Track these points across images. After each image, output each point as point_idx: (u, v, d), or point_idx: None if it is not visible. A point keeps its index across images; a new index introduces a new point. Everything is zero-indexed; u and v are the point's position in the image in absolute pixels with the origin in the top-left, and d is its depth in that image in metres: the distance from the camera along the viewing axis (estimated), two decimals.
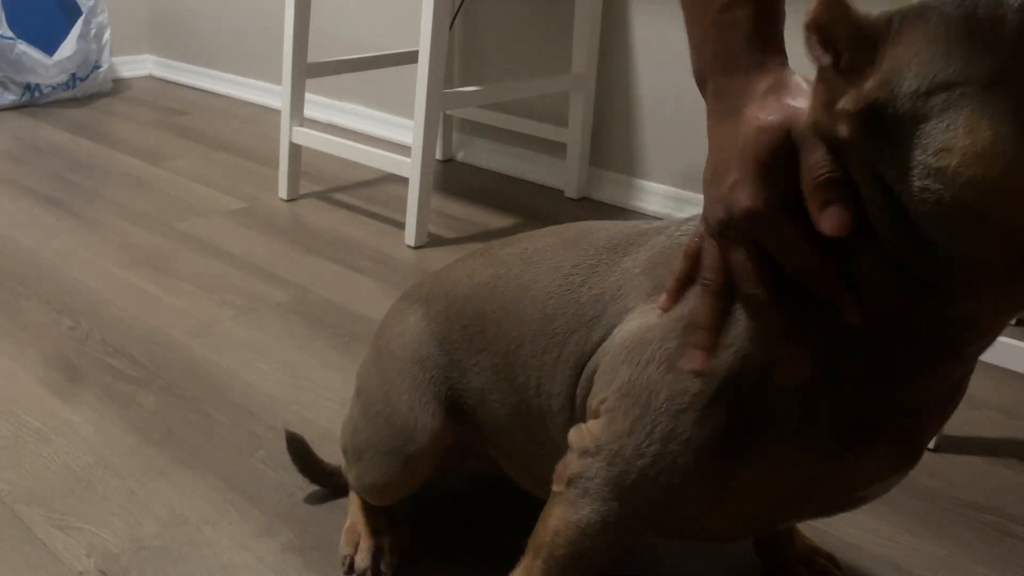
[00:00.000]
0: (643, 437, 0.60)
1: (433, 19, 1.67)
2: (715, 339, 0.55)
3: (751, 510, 0.61)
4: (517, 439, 0.77)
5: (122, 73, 3.35)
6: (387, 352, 0.84)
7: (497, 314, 0.75)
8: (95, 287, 1.54)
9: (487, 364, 0.76)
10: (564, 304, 0.69)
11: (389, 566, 0.89)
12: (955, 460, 1.12)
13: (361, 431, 0.85)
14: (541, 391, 0.71)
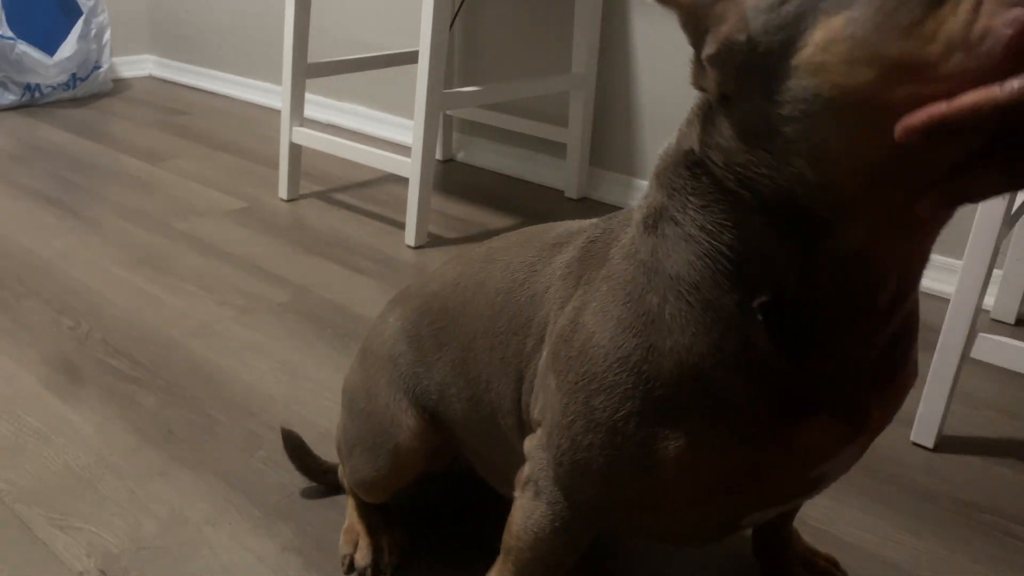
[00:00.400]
0: (573, 431, 0.60)
1: (433, 19, 1.67)
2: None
3: (702, 497, 0.59)
4: (475, 435, 0.78)
5: (122, 73, 3.35)
6: (369, 351, 0.87)
7: (458, 309, 0.77)
8: (95, 287, 1.54)
9: (448, 359, 0.77)
10: (508, 302, 0.71)
11: (389, 565, 0.89)
12: (955, 460, 1.12)
13: (348, 428, 0.87)
14: (491, 387, 0.72)
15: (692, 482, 0.57)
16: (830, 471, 0.61)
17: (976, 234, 1.05)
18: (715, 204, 0.53)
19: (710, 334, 0.54)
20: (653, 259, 0.56)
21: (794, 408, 0.55)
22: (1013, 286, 1.51)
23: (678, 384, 0.55)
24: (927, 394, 1.13)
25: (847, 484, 1.07)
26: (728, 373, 0.54)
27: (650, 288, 0.56)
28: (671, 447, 0.56)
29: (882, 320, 0.55)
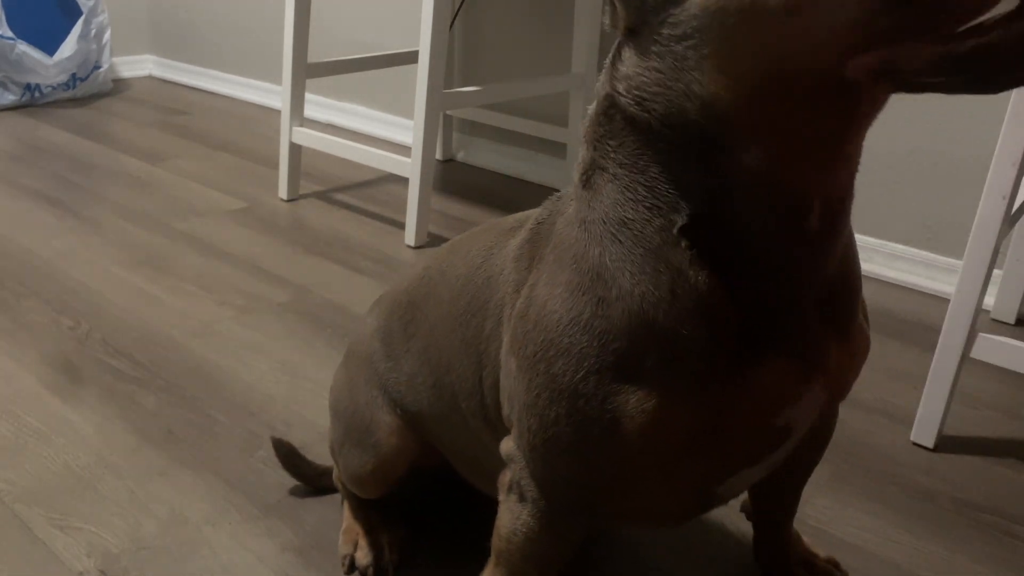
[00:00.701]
0: (539, 407, 0.60)
1: (433, 19, 1.67)
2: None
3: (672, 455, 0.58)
4: (441, 424, 0.79)
5: (122, 73, 3.35)
6: (351, 352, 0.89)
7: (423, 300, 0.78)
8: (95, 287, 1.54)
9: (416, 349, 0.79)
10: (467, 285, 0.72)
11: (389, 563, 0.89)
12: (955, 460, 1.12)
13: (335, 428, 0.89)
14: (452, 370, 0.73)
15: (659, 437, 0.56)
16: (795, 420, 0.60)
17: (976, 234, 1.05)
18: (627, 138, 0.55)
19: (645, 271, 0.55)
20: (590, 212, 0.58)
21: (747, 348, 0.55)
22: (1013, 286, 1.51)
23: (630, 333, 0.55)
24: (927, 394, 1.13)
25: (847, 484, 1.07)
26: (672, 312, 0.54)
27: (591, 241, 0.57)
28: (632, 400, 0.56)
29: (816, 245, 0.55)
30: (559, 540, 0.67)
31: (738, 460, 0.61)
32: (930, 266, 1.66)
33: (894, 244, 1.70)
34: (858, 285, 0.62)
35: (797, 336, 0.56)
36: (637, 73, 0.53)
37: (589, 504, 0.64)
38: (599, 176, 0.57)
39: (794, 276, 0.55)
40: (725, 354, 0.55)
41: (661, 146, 0.53)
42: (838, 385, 0.62)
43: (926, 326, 1.50)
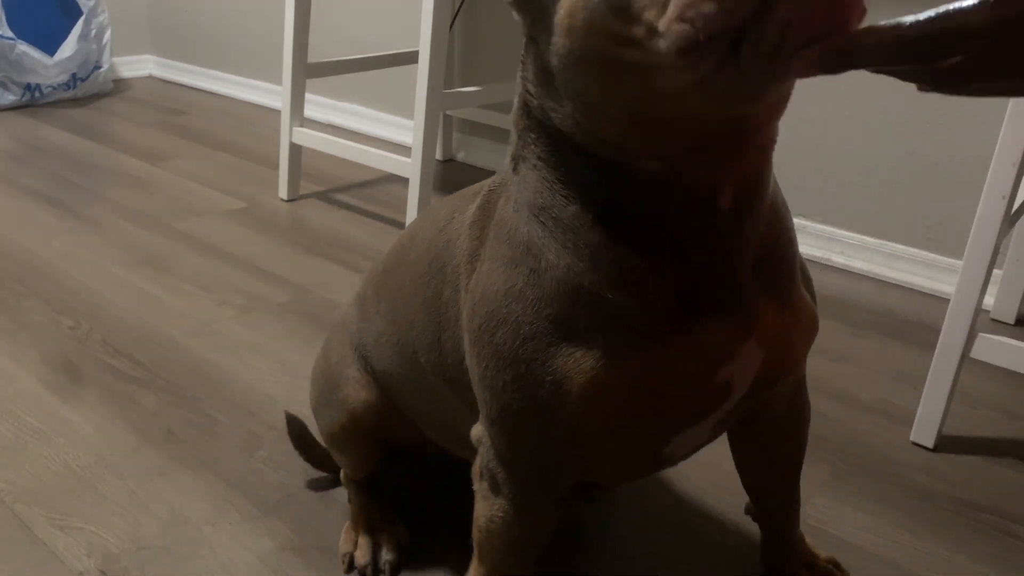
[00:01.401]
0: (490, 377, 0.62)
1: (433, 19, 1.67)
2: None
3: (617, 414, 0.60)
4: (405, 382, 0.81)
5: (122, 73, 3.35)
6: (332, 324, 0.94)
7: (395, 264, 0.81)
8: (95, 287, 1.54)
9: (384, 309, 0.82)
10: (431, 247, 0.74)
11: (388, 563, 0.89)
12: (955, 460, 1.12)
13: (312, 393, 0.93)
14: (414, 326, 0.76)
15: (600, 395, 0.58)
16: (734, 377, 0.61)
17: (976, 234, 1.05)
18: (541, 137, 0.59)
19: (567, 247, 0.58)
20: (518, 194, 0.61)
21: (679, 311, 0.58)
22: (1013, 286, 1.51)
23: (560, 298, 0.58)
24: (927, 394, 1.13)
25: (847, 484, 1.07)
26: (595, 280, 0.57)
27: (520, 220, 0.61)
28: (569, 362, 0.58)
29: (732, 222, 0.57)
30: (533, 521, 0.68)
31: (681, 418, 0.63)
32: (930, 266, 1.66)
33: (894, 244, 1.70)
34: (789, 253, 0.64)
35: (727, 298, 0.59)
36: (537, 90, 0.57)
37: (552, 475, 0.66)
38: (523, 164, 0.61)
39: (714, 248, 0.57)
40: (656, 317, 0.57)
41: (568, 148, 0.57)
42: (779, 348, 0.63)
43: (926, 326, 1.50)
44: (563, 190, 0.58)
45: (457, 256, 0.69)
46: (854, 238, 1.74)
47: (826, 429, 1.18)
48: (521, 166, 0.61)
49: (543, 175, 0.59)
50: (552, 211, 0.58)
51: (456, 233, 0.70)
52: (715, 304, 0.58)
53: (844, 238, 1.75)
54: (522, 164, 0.61)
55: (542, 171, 0.59)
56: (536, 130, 0.59)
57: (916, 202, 1.65)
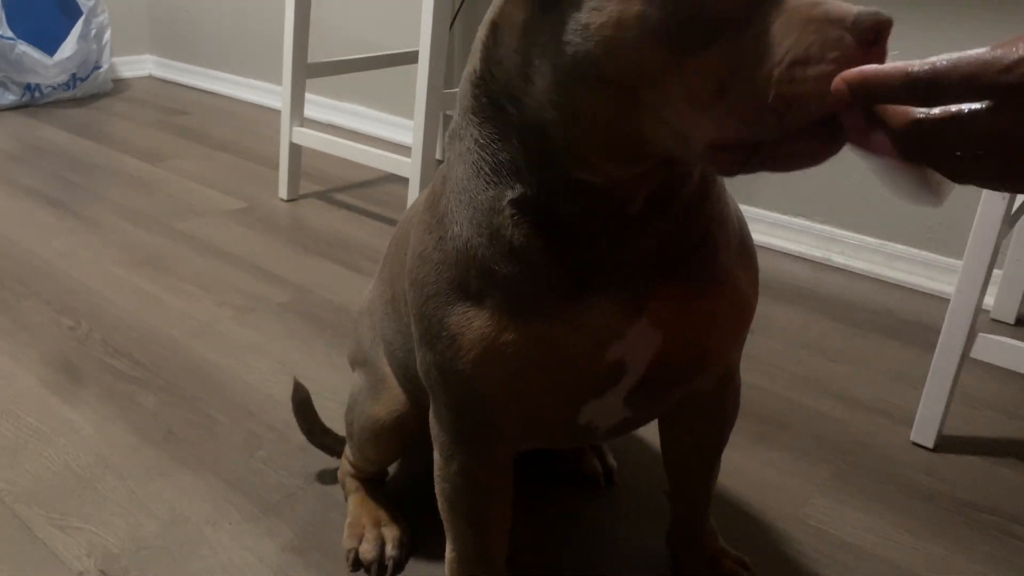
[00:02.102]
0: (411, 331, 0.67)
1: (433, 19, 1.67)
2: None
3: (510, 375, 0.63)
4: (396, 336, 0.83)
5: (122, 73, 3.35)
6: (358, 314, 0.96)
7: (395, 232, 0.86)
8: (95, 287, 1.54)
9: (385, 275, 0.87)
10: (413, 216, 0.77)
11: (392, 558, 0.89)
12: (955, 460, 1.12)
13: (355, 383, 0.94)
14: (394, 284, 0.81)
15: (488, 353, 0.62)
16: (627, 355, 0.63)
17: (976, 234, 1.05)
18: (487, 121, 0.60)
19: (473, 223, 0.62)
20: (448, 169, 0.65)
21: (568, 289, 0.61)
22: (1013, 286, 1.51)
23: (459, 264, 0.63)
24: (927, 394, 1.13)
25: (847, 484, 1.07)
26: (488, 253, 0.61)
27: (443, 192, 0.65)
28: (460, 320, 0.63)
29: (638, 223, 0.60)
30: (464, 475, 0.71)
31: (579, 390, 0.66)
32: (930, 266, 1.66)
33: (894, 244, 1.69)
34: (722, 244, 0.65)
35: (620, 281, 0.61)
36: (511, 68, 0.57)
37: (470, 428, 0.69)
38: (456, 142, 0.64)
39: (615, 241, 0.60)
40: (544, 291, 0.61)
41: (514, 141, 0.59)
42: (685, 333, 0.65)
43: (926, 326, 1.50)
44: (488, 176, 0.61)
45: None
46: (854, 238, 1.74)
47: (826, 429, 1.18)
48: (455, 143, 0.64)
49: (474, 159, 0.62)
50: (471, 191, 0.62)
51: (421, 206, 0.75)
52: (604, 285, 0.61)
53: (844, 238, 1.75)
54: (456, 142, 0.64)
55: (474, 155, 0.62)
56: (483, 112, 0.61)
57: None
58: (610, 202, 0.59)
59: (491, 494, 0.73)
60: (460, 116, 0.64)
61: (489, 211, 0.61)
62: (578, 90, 0.52)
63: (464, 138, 0.63)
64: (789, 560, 0.94)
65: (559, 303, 0.61)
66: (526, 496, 0.87)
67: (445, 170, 0.66)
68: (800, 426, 1.19)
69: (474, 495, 0.73)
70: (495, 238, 0.61)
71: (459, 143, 0.63)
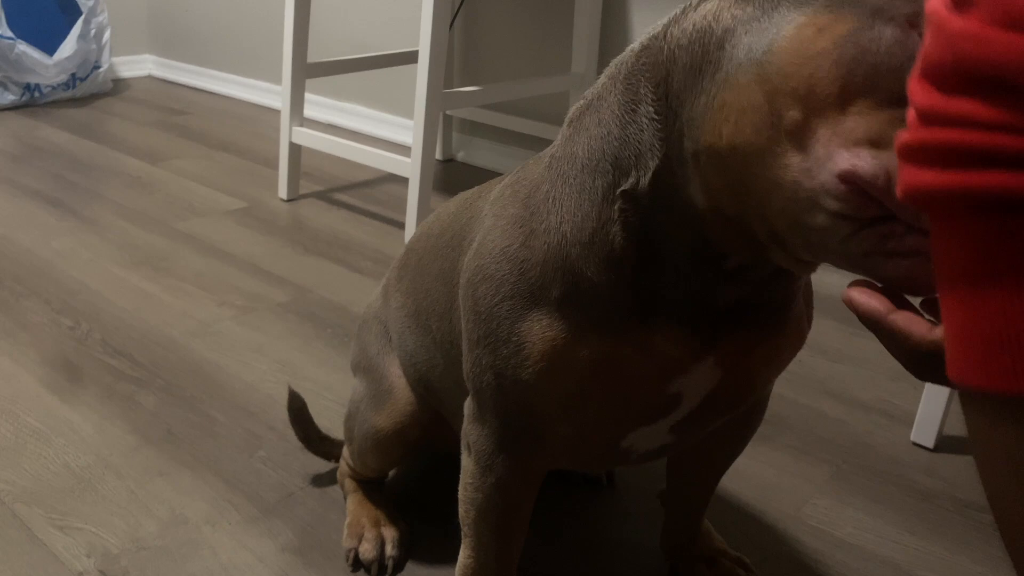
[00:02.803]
0: (468, 331, 0.64)
1: (433, 19, 1.67)
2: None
3: (572, 393, 0.62)
4: (419, 350, 0.82)
5: (122, 73, 3.35)
6: (362, 319, 0.95)
7: (416, 240, 0.84)
8: (95, 287, 1.54)
9: (404, 286, 0.84)
10: (453, 222, 0.75)
11: (392, 558, 0.89)
12: (955, 460, 1.12)
13: (357, 389, 0.92)
14: (429, 295, 0.78)
15: (557, 367, 0.60)
16: (686, 389, 0.63)
17: None
18: (635, 86, 0.55)
19: (576, 215, 0.58)
20: (561, 149, 0.60)
21: (646, 310, 0.58)
22: None
23: (543, 264, 0.59)
24: (927, 394, 1.12)
25: (847, 484, 1.07)
26: (584, 254, 0.58)
27: (545, 178, 0.61)
28: (536, 328, 0.60)
29: (730, 278, 0.57)
30: (500, 487, 0.69)
31: (633, 415, 0.64)
32: None
33: None
34: (798, 293, 0.64)
35: (696, 318, 0.59)
36: (682, 84, 0.53)
37: (513, 440, 0.67)
38: (589, 115, 0.59)
39: (703, 284, 0.58)
40: (624, 312, 0.59)
41: (647, 135, 0.55)
42: (743, 374, 0.64)
43: None
44: (611, 156, 0.56)
45: (476, 229, 0.70)
46: None
47: (826, 429, 1.18)
48: (585, 117, 0.59)
49: (603, 132, 0.57)
50: (586, 175, 0.57)
51: (479, 209, 0.72)
52: (680, 319, 0.59)
53: None
54: (587, 115, 0.59)
55: (604, 127, 0.57)
56: (634, 93, 0.55)
57: None
58: (712, 253, 0.56)
59: (522, 507, 0.72)
60: (603, 87, 0.58)
61: (601, 201, 0.57)
62: (740, 73, 0.49)
63: (600, 109, 0.58)
64: (789, 560, 0.94)
65: (635, 325, 0.59)
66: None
67: (553, 152, 0.61)
68: (800, 426, 1.19)
69: (507, 507, 0.71)
70: (596, 236, 0.57)
71: (592, 115, 0.59)
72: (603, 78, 0.60)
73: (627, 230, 0.57)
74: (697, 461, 0.82)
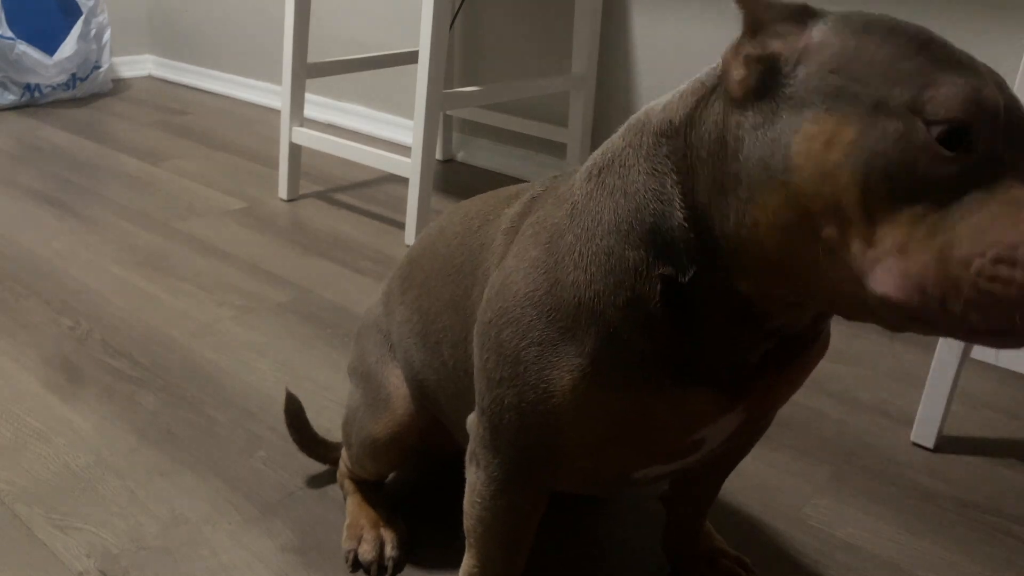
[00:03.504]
0: (488, 369, 0.63)
1: (433, 19, 1.67)
2: None
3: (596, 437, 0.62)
4: (425, 369, 0.81)
5: (122, 73, 3.35)
6: (361, 325, 0.94)
7: (420, 255, 0.83)
8: (95, 287, 1.54)
9: (409, 300, 0.83)
10: (462, 245, 0.74)
11: (391, 559, 0.89)
12: (955, 460, 1.12)
13: (353, 396, 0.92)
14: (439, 320, 0.76)
15: (584, 418, 0.59)
16: (709, 436, 0.63)
17: None
18: (662, 176, 0.55)
19: (607, 279, 0.57)
20: (584, 202, 0.59)
21: (682, 369, 0.58)
22: None
23: (576, 315, 0.58)
24: (927, 394, 1.13)
25: (847, 484, 1.07)
26: (624, 318, 0.56)
27: (570, 229, 0.59)
28: (566, 377, 0.58)
29: (768, 336, 0.57)
30: (507, 507, 0.69)
31: (653, 457, 0.65)
32: None
33: None
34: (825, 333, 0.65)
35: (728, 375, 0.59)
36: (710, 148, 0.53)
37: (527, 469, 0.67)
38: (611, 176, 0.58)
39: (742, 348, 0.58)
40: (657, 370, 0.57)
41: (680, 213, 0.54)
42: (765, 409, 0.64)
43: None
44: (644, 235, 0.55)
45: (489, 260, 0.69)
46: None
47: (826, 430, 1.18)
48: (607, 177, 0.58)
49: (634, 205, 0.56)
50: (616, 241, 0.56)
51: (490, 238, 0.70)
52: (712, 376, 0.58)
53: None
54: (610, 176, 0.58)
55: (634, 201, 0.56)
56: (660, 164, 0.55)
57: None
58: (753, 316, 0.56)
59: (531, 522, 0.72)
60: (627, 146, 0.58)
61: (633, 273, 0.56)
62: (765, 193, 0.49)
63: (625, 177, 0.57)
64: (789, 560, 0.94)
65: (667, 381, 0.58)
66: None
67: (575, 202, 0.60)
68: (800, 426, 1.19)
69: (515, 524, 0.71)
70: (632, 304, 0.56)
71: (615, 179, 0.58)
72: (620, 140, 0.59)
73: (667, 306, 0.56)
74: (705, 469, 0.82)
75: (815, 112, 0.47)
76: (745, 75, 0.51)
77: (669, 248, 0.55)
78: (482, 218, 0.74)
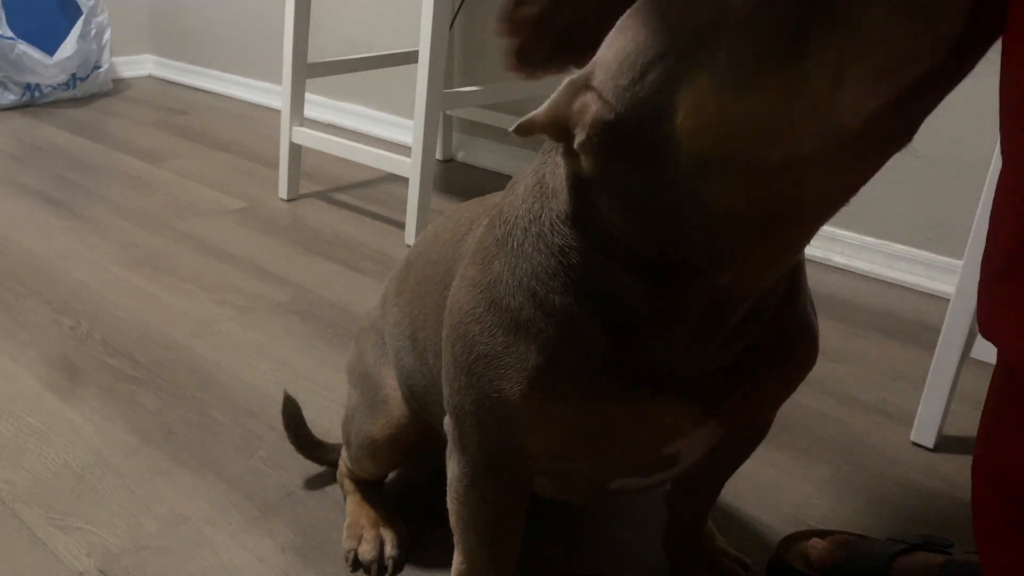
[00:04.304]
0: (450, 378, 0.65)
1: (433, 19, 1.67)
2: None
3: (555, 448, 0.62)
4: (414, 374, 0.81)
5: (122, 73, 3.35)
6: (360, 327, 0.95)
7: (416, 258, 0.83)
8: (95, 287, 1.54)
9: (403, 303, 0.83)
10: (446, 253, 0.75)
11: (391, 558, 0.89)
12: (955, 460, 1.12)
13: (351, 396, 0.92)
14: (426, 326, 0.77)
15: (540, 423, 0.60)
16: (683, 451, 0.63)
17: (976, 234, 1.05)
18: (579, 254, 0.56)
19: (536, 312, 0.57)
20: (506, 238, 0.60)
21: (640, 380, 0.57)
22: None
23: (515, 332, 0.59)
24: (927, 394, 1.13)
25: (847, 484, 1.07)
26: (557, 336, 0.57)
27: (497, 257, 0.60)
28: (515, 388, 0.59)
29: (728, 336, 0.57)
30: (483, 502, 0.70)
31: (625, 469, 0.65)
32: (930, 266, 1.66)
33: (894, 244, 1.69)
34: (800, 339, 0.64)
35: (696, 385, 0.59)
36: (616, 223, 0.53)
37: (497, 467, 0.67)
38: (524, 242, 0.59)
39: (703, 354, 0.57)
40: (612, 376, 0.57)
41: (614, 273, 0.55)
42: (748, 417, 0.64)
43: (926, 326, 1.50)
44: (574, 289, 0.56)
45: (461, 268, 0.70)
46: (855, 238, 1.74)
47: (826, 429, 1.18)
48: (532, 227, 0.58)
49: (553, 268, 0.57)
50: (546, 287, 0.57)
51: (467, 247, 0.71)
52: (678, 387, 0.58)
53: (844, 238, 1.75)
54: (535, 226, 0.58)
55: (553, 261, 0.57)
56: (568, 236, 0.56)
57: (916, 202, 1.65)
58: (721, 311, 0.55)
59: (510, 518, 0.72)
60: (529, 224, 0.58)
61: (565, 313, 0.57)
62: (702, 192, 0.48)
63: (545, 236, 0.57)
64: None
65: (628, 390, 0.58)
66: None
67: (499, 238, 0.61)
68: (800, 426, 1.19)
69: (493, 519, 0.71)
70: (563, 325, 0.57)
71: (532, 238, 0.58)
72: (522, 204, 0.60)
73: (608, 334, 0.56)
74: (703, 471, 0.82)
75: (670, 103, 0.46)
76: (592, 159, 0.51)
77: (610, 302, 0.55)
78: (467, 225, 0.74)
